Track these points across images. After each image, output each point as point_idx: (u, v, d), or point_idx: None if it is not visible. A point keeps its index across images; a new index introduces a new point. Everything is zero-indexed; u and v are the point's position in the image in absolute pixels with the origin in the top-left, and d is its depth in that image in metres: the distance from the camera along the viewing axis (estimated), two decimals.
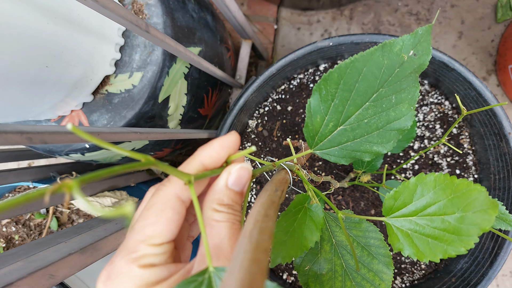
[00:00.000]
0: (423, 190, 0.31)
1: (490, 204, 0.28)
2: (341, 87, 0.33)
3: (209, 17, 0.80)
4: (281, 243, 0.33)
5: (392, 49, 0.32)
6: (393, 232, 0.32)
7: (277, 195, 0.28)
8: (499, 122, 0.65)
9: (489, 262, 0.66)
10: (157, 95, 0.64)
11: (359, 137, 0.34)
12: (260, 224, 0.21)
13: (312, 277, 0.38)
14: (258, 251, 0.18)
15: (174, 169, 0.23)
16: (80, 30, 0.51)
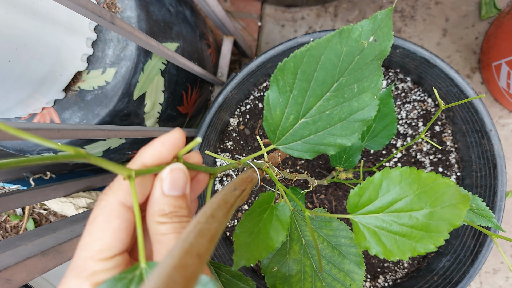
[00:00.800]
0: (388, 185, 0.29)
1: (460, 198, 0.27)
2: (298, 77, 0.31)
3: (188, 12, 0.78)
4: (245, 244, 0.31)
5: (350, 35, 0.30)
6: (359, 230, 0.30)
7: (235, 194, 0.26)
8: (480, 119, 0.65)
9: (470, 260, 0.66)
10: (131, 92, 0.62)
11: (322, 130, 0.32)
12: (201, 226, 0.19)
13: (280, 279, 0.37)
14: (187, 256, 0.16)
15: (112, 163, 0.21)
16: (46, 22, 0.48)
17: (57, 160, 0.20)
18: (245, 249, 0.31)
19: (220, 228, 0.21)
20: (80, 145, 0.63)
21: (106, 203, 0.24)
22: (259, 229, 0.33)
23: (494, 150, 0.64)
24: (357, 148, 0.56)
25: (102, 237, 0.23)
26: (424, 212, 0.28)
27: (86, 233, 0.23)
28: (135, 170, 0.22)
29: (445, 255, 0.73)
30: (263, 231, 0.33)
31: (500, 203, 0.64)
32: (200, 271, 0.17)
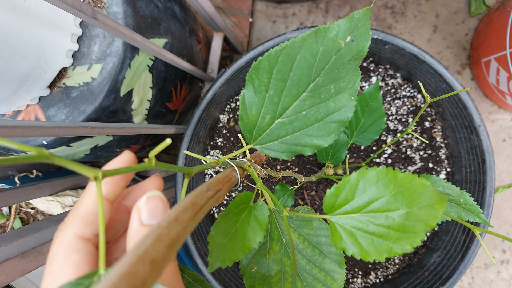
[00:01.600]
0: (365, 185, 0.29)
1: (437, 199, 0.26)
2: (274, 76, 0.30)
3: (177, 7, 0.77)
4: (220, 246, 0.31)
5: (327, 35, 0.29)
6: (336, 230, 0.30)
7: (207, 195, 0.25)
8: (469, 114, 0.65)
9: (460, 256, 0.66)
10: (118, 88, 0.61)
11: (298, 130, 0.32)
12: (161, 231, 0.18)
13: (259, 280, 0.36)
14: (138, 263, 0.15)
15: (77, 164, 0.20)
16: (27, 18, 0.47)
17: (17, 162, 0.19)
18: (220, 251, 0.31)
19: (183, 232, 0.20)
20: (66, 143, 0.62)
21: (63, 238, 0.23)
22: (236, 230, 0.32)
23: (482, 145, 0.64)
24: (343, 143, 0.56)
25: (64, 274, 0.22)
26: (401, 212, 0.28)
27: (46, 273, 0.22)
28: (102, 171, 0.21)
29: (436, 250, 0.74)
30: (240, 231, 0.32)
31: (489, 199, 0.64)
32: (153, 280, 0.16)
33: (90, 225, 0.23)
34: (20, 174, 0.72)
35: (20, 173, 0.72)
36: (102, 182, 0.22)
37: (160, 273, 0.16)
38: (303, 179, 0.54)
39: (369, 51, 0.74)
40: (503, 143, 1.12)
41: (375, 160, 0.78)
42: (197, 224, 0.22)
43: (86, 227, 0.23)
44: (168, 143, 0.23)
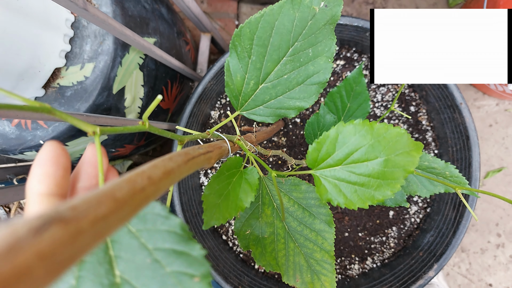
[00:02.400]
0: (344, 138, 0.30)
1: (413, 145, 0.28)
2: (255, 42, 0.32)
3: (164, 9, 0.79)
4: (214, 205, 0.32)
5: (302, 1, 0.31)
6: (321, 183, 0.32)
7: (198, 151, 0.27)
8: (450, 93, 0.67)
9: (452, 231, 0.68)
10: (111, 85, 0.63)
11: (281, 94, 0.34)
12: (156, 162, 0.20)
13: (253, 241, 0.38)
14: (136, 175, 0.17)
15: (76, 118, 0.22)
16: (20, 16, 0.49)
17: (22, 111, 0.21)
18: (214, 210, 0.32)
19: (177, 169, 0.21)
20: (63, 141, 0.64)
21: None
22: (229, 191, 0.34)
23: (465, 122, 0.67)
24: (330, 123, 0.58)
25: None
26: (379, 160, 0.29)
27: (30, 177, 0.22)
28: (100, 127, 0.23)
29: (429, 231, 0.75)
30: (233, 193, 0.34)
31: (475, 173, 0.66)
32: (151, 191, 0.17)
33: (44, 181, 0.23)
34: (18, 176, 0.73)
35: (17, 176, 0.73)
36: None
37: (158, 191, 0.18)
38: (293, 161, 0.56)
39: (352, 41, 0.77)
40: (490, 128, 1.15)
41: None
42: (190, 171, 0.24)
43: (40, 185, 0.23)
44: (159, 98, 0.25)
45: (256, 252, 0.37)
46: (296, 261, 0.37)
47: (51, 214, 0.12)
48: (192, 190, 0.79)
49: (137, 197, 0.16)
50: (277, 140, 0.83)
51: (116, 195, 0.15)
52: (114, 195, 0.15)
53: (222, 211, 0.32)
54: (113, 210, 0.14)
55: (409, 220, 0.80)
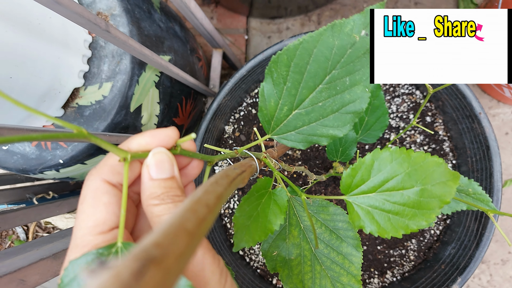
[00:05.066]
0: (380, 165, 0.30)
1: (450, 175, 0.28)
2: (292, 69, 0.32)
3: (177, 27, 0.80)
4: (244, 227, 0.32)
5: (342, 29, 0.31)
6: (354, 209, 0.31)
7: (235, 172, 0.27)
8: (469, 103, 0.67)
9: (475, 244, 0.66)
10: (128, 104, 0.64)
11: (315, 121, 0.34)
12: (207, 188, 0.20)
13: (280, 262, 0.37)
14: (196, 204, 0.17)
15: (110, 144, 0.22)
16: (42, 39, 0.50)
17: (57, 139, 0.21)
18: (244, 232, 0.32)
19: (223, 192, 0.22)
20: (81, 161, 0.64)
21: (92, 181, 0.24)
22: (258, 213, 0.34)
23: (485, 132, 0.66)
24: (352, 140, 0.57)
25: (94, 212, 0.23)
26: (415, 189, 0.29)
27: (79, 213, 0.24)
28: (131, 154, 0.23)
29: (450, 243, 0.74)
30: (262, 214, 0.34)
31: (497, 184, 0.65)
32: (210, 221, 0.18)
33: (117, 174, 0.25)
34: (37, 195, 0.74)
35: (36, 195, 0.74)
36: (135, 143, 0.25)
37: (214, 217, 0.18)
38: (314, 177, 0.56)
39: None
40: (506, 136, 1.13)
41: None
42: (231, 192, 0.24)
43: (114, 175, 0.25)
44: (193, 137, 0.25)
45: (283, 275, 0.37)
46: (322, 284, 0.37)
47: (144, 254, 0.12)
48: None
49: (202, 227, 0.16)
50: (292, 154, 0.83)
51: (188, 227, 0.15)
52: (186, 227, 0.15)
53: (251, 234, 0.32)
54: (188, 243, 0.14)
55: (429, 232, 0.79)
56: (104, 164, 0.25)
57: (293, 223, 0.39)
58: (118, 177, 0.25)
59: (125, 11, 0.63)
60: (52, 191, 0.77)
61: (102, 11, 0.63)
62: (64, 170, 0.66)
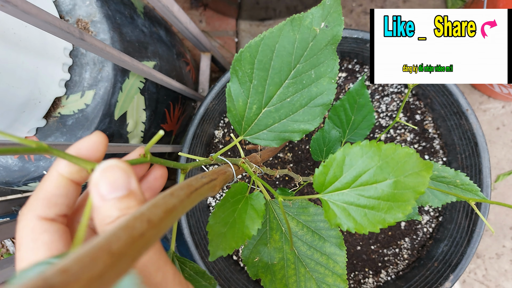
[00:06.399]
0: (351, 160, 0.29)
1: (423, 165, 0.27)
2: (256, 66, 0.32)
3: (163, 32, 0.79)
4: (220, 235, 0.31)
5: (302, 23, 0.31)
6: (329, 207, 0.31)
7: (202, 181, 0.26)
8: (456, 100, 0.66)
9: (466, 241, 0.66)
10: (112, 112, 0.63)
11: (285, 117, 0.33)
12: (157, 200, 0.19)
13: (263, 268, 0.37)
14: (135, 220, 0.16)
15: (72, 156, 0.21)
16: (19, 49, 0.49)
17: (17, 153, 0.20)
18: (220, 239, 0.31)
19: (179, 205, 0.20)
20: None
21: (26, 222, 0.21)
22: (234, 219, 0.33)
23: (473, 129, 0.65)
24: (335, 139, 0.57)
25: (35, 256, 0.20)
26: (388, 182, 0.28)
27: (17, 261, 0.21)
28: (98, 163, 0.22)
29: (442, 240, 0.74)
30: (239, 220, 0.33)
31: (486, 180, 0.64)
32: (152, 235, 0.16)
33: (53, 206, 0.22)
34: None
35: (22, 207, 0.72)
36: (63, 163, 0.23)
37: (159, 234, 0.17)
38: (300, 179, 0.55)
39: (353, 52, 0.77)
40: (497, 131, 1.13)
41: None
42: (193, 204, 0.23)
43: (49, 209, 0.22)
44: (161, 134, 0.24)
45: (266, 280, 0.36)
46: (307, 287, 0.36)
47: (40, 283, 0.11)
48: (199, 211, 0.78)
49: (135, 245, 0.15)
50: (283, 156, 0.82)
51: (112, 248, 0.14)
52: (110, 248, 0.14)
53: (228, 241, 0.31)
54: (109, 265, 0.13)
55: (422, 230, 0.78)
56: (35, 199, 0.22)
57: (273, 227, 0.38)
58: (56, 208, 0.22)
59: (105, 17, 0.62)
60: None
61: (82, 17, 0.62)
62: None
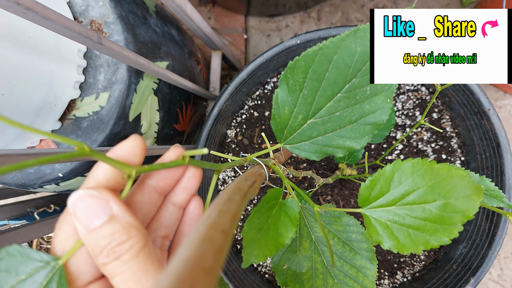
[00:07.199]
0: (400, 177, 0.28)
1: (474, 189, 0.26)
2: (309, 76, 0.30)
3: (174, 31, 0.78)
4: (254, 241, 0.30)
5: (366, 35, 0.29)
6: (371, 223, 0.30)
7: (247, 184, 0.25)
8: (477, 99, 0.65)
9: (487, 243, 0.65)
10: (127, 113, 0.62)
11: (331, 131, 0.32)
12: (221, 207, 0.19)
13: (291, 276, 0.36)
14: (212, 230, 0.16)
15: (113, 160, 0.21)
16: (35, 53, 0.49)
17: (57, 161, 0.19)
18: (254, 246, 0.30)
19: (238, 210, 0.20)
20: (81, 173, 0.63)
21: None
22: (268, 226, 0.32)
23: (495, 129, 0.64)
24: None
25: None
26: (438, 204, 0.27)
27: None
28: (136, 168, 0.22)
29: (461, 242, 0.72)
30: (272, 227, 0.32)
31: (509, 182, 0.63)
32: (227, 247, 0.16)
33: None
34: (38, 210, 0.73)
35: (38, 209, 0.73)
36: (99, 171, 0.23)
37: (231, 241, 0.17)
38: (321, 181, 0.54)
39: None
40: None
41: (387, 158, 0.78)
42: (244, 208, 0.22)
43: None
44: (205, 152, 0.24)
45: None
46: None
47: None
48: None
49: (219, 260, 0.15)
50: (296, 156, 0.81)
51: (206, 264, 0.14)
52: (204, 264, 0.13)
53: (262, 248, 0.30)
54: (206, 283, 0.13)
55: None
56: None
57: (304, 234, 0.37)
58: None
59: (119, 18, 0.61)
60: (54, 204, 0.75)
61: (96, 19, 0.61)
62: (64, 183, 0.64)
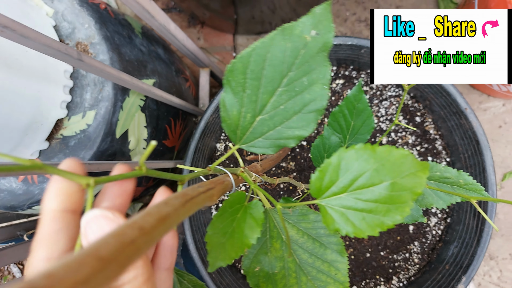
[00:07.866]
0: (347, 164, 0.29)
1: (419, 166, 0.27)
2: (248, 76, 0.32)
3: (161, 50, 0.81)
4: (219, 245, 0.31)
5: (293, 32, 0.31)
6: (327, 212, 0.30)
7: (198, 190, 0.26)
8: (454, 100, 0.66)
9: (476, 241, 0.65)
10: (113, 130, 0.63)
11: (280, 124, 0.33)
12: (150, 209, 0.19)
13: (263, 278, 0.36)
14: (126, 228, 0.16)
15: (66, 171, 0.21)
16: (21, 74, 0.50)
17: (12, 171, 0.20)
18: (219, 250, 0.31)
19: (174, 214, 0.20)
20: None
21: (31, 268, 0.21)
22: (233, 229, 0.33)
23: (473, 127, 0.65)
24: (336, 145, 0.57)
25: None
26: (385, 184, 0.28)
27: None
28: (94, 179, 0.22)
29: (452, 242, 0.73)
30: (238, 230, 0.33)
31: (491, 177, 0.64)
32: (143, 242, 0.16)
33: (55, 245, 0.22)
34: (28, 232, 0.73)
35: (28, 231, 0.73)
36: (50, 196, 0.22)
37: (151, 241, 0.17)
38: (303, 187, 0.55)
39: (348, 59, 0.78)
40: (499, 129, 1.13)
41: None
42: (189, 213, 0.23)
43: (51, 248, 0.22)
44: (154, 145, 0.25)
45: None
46: None
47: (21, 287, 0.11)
48: (204, 226, 0.78)
49: (125, 252, 0.15)
50: (286, 165, 0.82)
51: (101, 253, 0.14)
52: (99, 253, 0.14)
53: (227, 251, 0.31)
54: (96, 271, 0.13)
55: (431, 233, 0.77)
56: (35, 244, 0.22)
57: (274, 235, 0.38)
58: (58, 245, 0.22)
59: (104, 38, 0.63)
60: None
61: (82, 40, 0.63)
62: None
